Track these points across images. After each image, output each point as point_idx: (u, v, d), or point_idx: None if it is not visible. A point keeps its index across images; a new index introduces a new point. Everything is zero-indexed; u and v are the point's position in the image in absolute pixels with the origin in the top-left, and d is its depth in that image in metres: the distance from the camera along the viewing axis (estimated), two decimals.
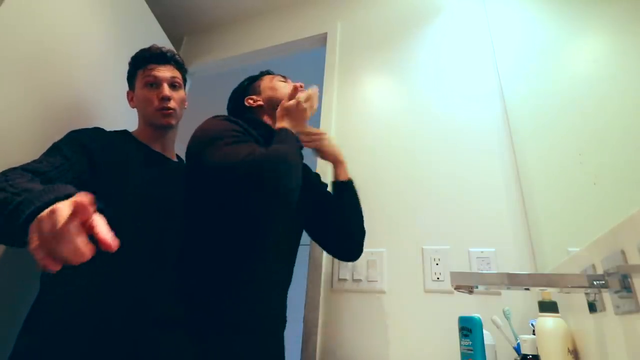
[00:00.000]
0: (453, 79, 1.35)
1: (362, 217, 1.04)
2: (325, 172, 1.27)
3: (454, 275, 0.52)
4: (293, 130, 0.85)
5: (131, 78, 1.09)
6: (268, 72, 1.09)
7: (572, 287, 0.50)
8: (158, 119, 1.05)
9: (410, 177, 1.25)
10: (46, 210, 0.49)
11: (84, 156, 0.90)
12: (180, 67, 1.12)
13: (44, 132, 1.01)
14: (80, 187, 0.69)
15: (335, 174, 1.06)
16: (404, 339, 1.03)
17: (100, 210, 0.51)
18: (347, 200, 1.03)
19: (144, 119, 1.08)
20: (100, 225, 0.49)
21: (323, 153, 1.06)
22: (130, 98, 1.12)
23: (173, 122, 1.07)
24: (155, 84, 1.04)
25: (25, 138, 0.97)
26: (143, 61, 1.06)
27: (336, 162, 1.06)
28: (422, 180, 1.22)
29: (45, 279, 0.88)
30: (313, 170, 1.15)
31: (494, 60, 1.32)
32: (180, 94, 1.09)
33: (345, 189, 1.04)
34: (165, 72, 1.05)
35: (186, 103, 1.16)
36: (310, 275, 1.21)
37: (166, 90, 1.04)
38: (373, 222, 1.22)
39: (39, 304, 0.85)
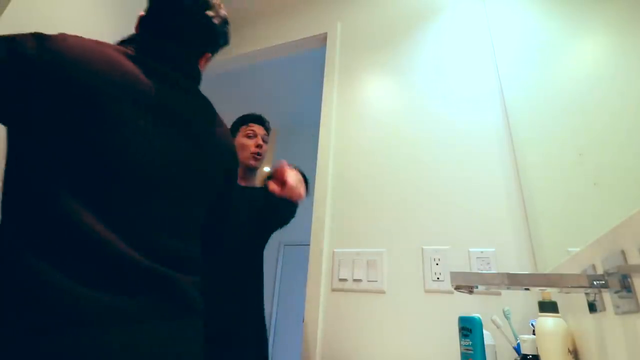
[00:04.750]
0: (453, 80, 1.35)
1: None
2: None
3: (454, 275, 0.52)
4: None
5: (234, 129, 1.46)
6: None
7: (572, 287, 0.50)
8: (250, 160, 1.38)
9: (410, 177, 1.25)
10: None
11: None
12: (268, 130, 1.50)
13: None
14: None
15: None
16: (404, 339, 1.03)
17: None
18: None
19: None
20: None
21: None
22: None
23: (259, 164, 1.41)
24: (254, 136, 1.43)
25: None
26: (247, 120, 1.44)
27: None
28: (422, 180, 1.22)
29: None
30: None
31: (494, 60, 1.32)
32: (266, 146, 1.47)
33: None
34: (260, 130, 1.44)
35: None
36: (310, 275, 1.21)
37: (260, 140, 1.44)
38: (373, 222, 1.22)
39: None
